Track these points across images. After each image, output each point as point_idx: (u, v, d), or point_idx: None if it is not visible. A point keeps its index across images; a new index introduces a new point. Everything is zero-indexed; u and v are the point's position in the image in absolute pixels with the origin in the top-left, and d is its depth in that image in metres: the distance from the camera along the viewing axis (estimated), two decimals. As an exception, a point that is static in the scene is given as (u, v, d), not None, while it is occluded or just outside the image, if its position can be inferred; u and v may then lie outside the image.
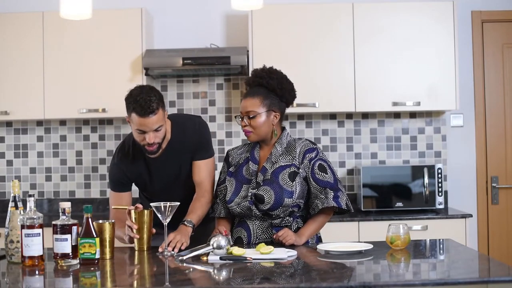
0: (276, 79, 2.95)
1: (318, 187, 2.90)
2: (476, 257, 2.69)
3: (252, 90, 2.95)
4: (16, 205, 2.60)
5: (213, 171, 3.13)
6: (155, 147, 2.89)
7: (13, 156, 4.88)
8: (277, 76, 2.96)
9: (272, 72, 2.97)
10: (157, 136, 2.86)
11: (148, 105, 2.78)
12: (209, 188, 3.07)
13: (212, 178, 3.11)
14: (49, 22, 4.49)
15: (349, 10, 4.49)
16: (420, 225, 4.22)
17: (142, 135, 2.85)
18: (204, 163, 3.08)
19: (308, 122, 4.84)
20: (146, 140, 2.85)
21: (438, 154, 4.82)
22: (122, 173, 3.07)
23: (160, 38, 4.83)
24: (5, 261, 2.63)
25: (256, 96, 2.91)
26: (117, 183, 3.09)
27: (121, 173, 3.07)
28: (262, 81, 2.95)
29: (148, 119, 2.80)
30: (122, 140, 3.16)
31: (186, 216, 2.93)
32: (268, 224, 2.92)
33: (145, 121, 2.80)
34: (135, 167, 3.07)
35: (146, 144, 2.87)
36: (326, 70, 4.49)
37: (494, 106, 4.87)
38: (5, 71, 4.52)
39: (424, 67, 4.49)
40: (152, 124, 2.82)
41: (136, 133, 2.87)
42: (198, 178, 3.07)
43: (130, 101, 2.84)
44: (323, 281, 2.19)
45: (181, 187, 3.11)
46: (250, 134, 2.93)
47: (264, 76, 2.95)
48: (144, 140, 2.86)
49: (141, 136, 2.86)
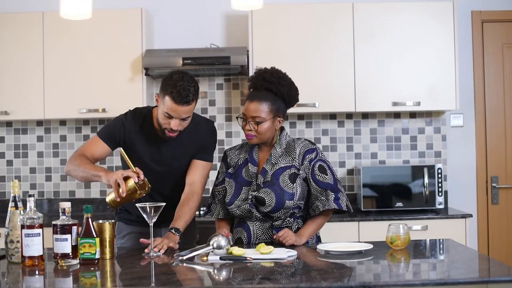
0: (285, 85, 2.90)
1: (319, 189, 2.90)
2: (476, 257, 2.69)
3: (260, 94, 2.89)
4: (16, 205, 2.60)
5: (206, 177, 3.12)
6: (175, 134, 2.92)
7: (13, 156, 4.88)
8: (286, 83, 2.91)
9: (281, 77, 2.92)
10: (182, 125, 2.91)
11: (186, 94, 2.81)
12: (199, 191, 3.04)
13: (204, 182, 3.09)
14: (49, 22, 4.49)
15: (349, 10, 4.49)
16: (420, 225, 4.22)
17: (168, 120, 2.88)
18: (203, 165, 3.08)
19: (308, 122, 4.84)
20: (170, 125, 2.88)
21: (438, 154, 4.82)
22: (122, 132, 3.01)
23: (160, 38, 4.84)
24: (5, 261, 2.63)
25: (264, 102, 2.86)
26: (109, 136, 3.00)
27: (121, 131, 3.01)
28: (272, 86, 2.89)
29: (181, 108, 2.83)
30: (141, 108, 3.13)
31: (174, 223, 2.89)
32: (268, 225, 2.92)
33: (178, 109, 2.83)
34: (137, 138, 3.00)
35: (168, 129, 2.90)
36: (326, 70, 4.49)
37: (494, 106, 4.87)
38: (5, 71, 4.52)
39: (424, 67, 4.49)
40: (183, 113, 2.85)
41: (163, 115, 2.89)
42: (192, 177, 3.04)
43: (169, 84, 2.84)
44: (323, 281, 2.19)
45: (170, 181, 3.07)
46: (253, 138, 2.90)
47: (274, 82, 2.89)
48: (168, 124, 2.89)
49: (166, 120, 2.89)
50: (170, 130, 2.90)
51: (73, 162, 2.89)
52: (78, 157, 2.90)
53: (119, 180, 2.68)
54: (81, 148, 3.00)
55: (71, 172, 2.91)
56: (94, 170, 2.82)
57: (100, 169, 2.82)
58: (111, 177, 2.72)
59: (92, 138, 3.04)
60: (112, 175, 2.73)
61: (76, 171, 2.87)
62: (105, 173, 2.78)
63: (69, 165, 2.91)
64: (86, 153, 2.94)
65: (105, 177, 2.75)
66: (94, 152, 2.96)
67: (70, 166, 2.91)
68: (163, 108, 2.87)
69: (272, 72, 2.93)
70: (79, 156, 2.91)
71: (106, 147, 3.00)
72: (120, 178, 2.69)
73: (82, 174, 2.85)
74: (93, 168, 2.84)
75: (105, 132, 3.03)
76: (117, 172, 2.74)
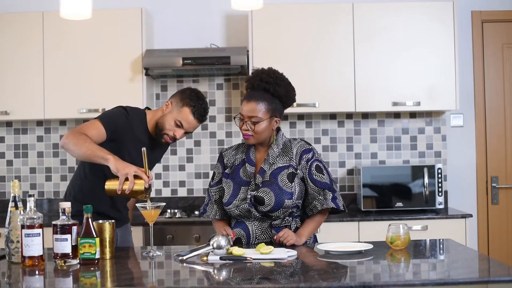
0: (283, 86, 2.91)
1: (316, 188, 2.91)
2: (476, 257, 2.69)
3: (257, 94, 2.90)
4: (16, 205, 2.60)
5: None
6: (172, 141, 3.10)
7: (13, 156, 4.88)
8: (283, 83, 2.92)
9: (279, 78, 2.93)
10: (183, 136, 3.10)
11: (204, 114, 3.09)
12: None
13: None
14: (49, 22, 4.49)
15: (349, 10, 4.49)
16: (420, 225, 4.22)
17: (176, 128, 3.04)
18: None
19: (308, 122, 4.84)
20: (176, 133, 3.04)
21: (438, 154, 4.82)
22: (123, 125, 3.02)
23: (160, 38, 4.83)
24: (5, 261, 2.63)
25: (261, 102, 2.87)
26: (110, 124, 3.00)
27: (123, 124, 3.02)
28: (269, 87, 2.90)
29: (196, 123, 3.07)
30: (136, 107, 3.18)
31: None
32: (267, 224, 2.92)
33: (193, 123, 3.05)
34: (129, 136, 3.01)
35: (171, 136, 3.05)
36: (326, 70, 4.49)
37: (494, 106, 4.87)
38: (5, 71, 4.52)
39: (424, 67, 4.49)
40: (192, 128, 3.09)
41: (173, 122, 3.04)
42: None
43: (192, 98, 3.06)
44: (323, 281, 2.19)
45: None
46: (249, 138, 2.90)
47: (271, 82, 2.90)
48: (173, 132, 3.05)
49: (174, 128, 3.04)
50: (172, 137, 3.05)
51: (77, 137, 2.84)
52: (81, 135, 2.86)
53: (130, 176, 2.68)
54: (80, 127, 2.96)
55: (71, 145, 2.84)
56: (101, 151, 2.79)
57: (108, 153, 2.78)
58: (122, 169, 2.70)
59: (92, 121, 3.01)
60: (124, 167, 2.70)
61: (79, 146, 2.81)
62: (114, 159, 2.75)
63: (71, 138, 2.85)
64: (86, 133, 2.90)
65: (114, 163, 2.72)
66: (92, 135, 2.92)
67: (71, 139, 2.84)
68: (176, 116, 3.03)
69: (269, 73, 2.94)
70: (81, 134, 2.87)
71: (104, 134, 2.98)
72: (132, 175, 2.68)
73: (85, 151, 2.80)
74: (100, 149, 2.81)
75: (107, 119, 3.02)
76: (130, 166, 2.71)
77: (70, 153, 2.91)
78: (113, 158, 2.75)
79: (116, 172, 2.71)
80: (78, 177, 3.14)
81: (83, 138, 2.85)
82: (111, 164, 2.73)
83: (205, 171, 4.83)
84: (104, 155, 2.77)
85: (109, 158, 2.74)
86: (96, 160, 2.80)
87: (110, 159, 2.74)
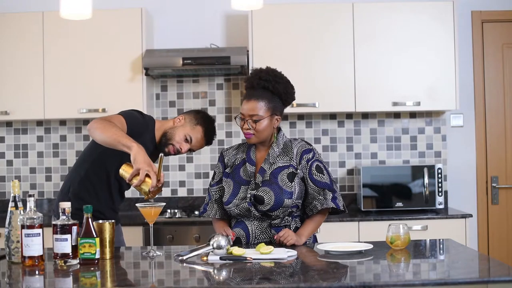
0: (282, 83, 2.93)
1: (316, 188, 2.92)
2: (476, 257, 2.69)
3: (257, 93, 2.91)
4: (16, 205, 2.60)
5: None
6: (175, 154, 3.17)
7: (13, 156, 4.88)
8: (282, 81, 2.94)
9: (278, 76, 2.94)
10: (185, 152, 3.18)
11: (212, 138, 3.23)
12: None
13: None
14: (49, 22, 4.49)
15: (349, 10, 4.49)
16: (420, 225, 4.22)
17: (183, 142, 3.13)
18: None
19: (308, 122, 4.84)
20: (181, 146, 3.12)
21: (438, 154, 4.82)
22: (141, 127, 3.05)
23: (160, 38, 4.84)
24: (5, 261, 2.63)
25: (261, 100, 2.89)
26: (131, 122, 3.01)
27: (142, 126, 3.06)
28: (268, 85, 2.91)
29: (203, 144, 3.20)
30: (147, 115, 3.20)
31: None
32: (267, 224, 2.92)
33: (200, 143, 3.17)
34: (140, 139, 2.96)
35: (176, 149, 3.13)
36: (326, 70, 4.49)
37: (494, 106, 4.87)
38: (5, 71, 4.52)
39: (424, 67, 4.49)
40: (198, 147, 3.20)
41: (183, 135, 3.13)
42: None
43: (208, 120, 3.19)
44: (323, 281, 2.19)
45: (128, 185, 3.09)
46: (251, 137, 2.91)
47: (270, 80, 2.92)
48: (180, 145, 3.12)
49: (182, 142, 3.13)
50: (177, 150, 3.13)
51: (104, 122, 2.85)
52: (109, 122, 2.87)
53: (142, 173, 2.66)
54: (106, 116, 2.98)
55: (98, 129, 2.83)
56: (127, 138, 2.77)
57: (133, 141, 2.76)
58: (138, 163, 2.67)
59: (117, 115, 3.02)
60: (141, 161, 2.68)
61: (106, 130, 2.81)
62: (138, 148, 2.72)
63: (99, 123, 2.85)
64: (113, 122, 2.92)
65: (135, 153, 2.70)
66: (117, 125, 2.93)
67: (99, 124, 2.84)
68: (188, 131, 3.13)
69: (268, 71, 2.96)
70: (109, 121, 2.88)
71: (125, 129, 2.97)
72: (143, 173, 2.66)
73: (111, 135, 2.79)
74: (126, 136, 2.79)
75: (129, 116, 3.04)
76: (147, 163, 2.68)
77: (94, 136, 2.90)
78: (137, 147, 2.72)
79: (133, 162, 2.70)
80: (78, 174, 3.14)
81: (111, 124, 2.87)
82: (133, 152, 2.71)
83: (205, 171, 4.83)
84: (129, 142, 2.75)
85: (133, 146, 2.73)
86: (119, 146, 2.77)
87: (134, 146, 2.72)
